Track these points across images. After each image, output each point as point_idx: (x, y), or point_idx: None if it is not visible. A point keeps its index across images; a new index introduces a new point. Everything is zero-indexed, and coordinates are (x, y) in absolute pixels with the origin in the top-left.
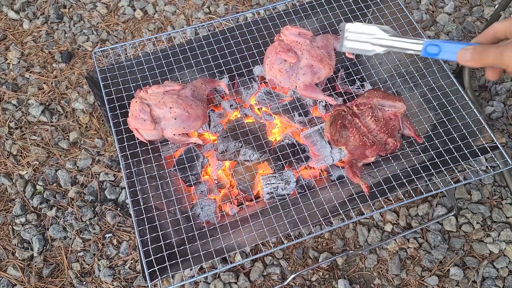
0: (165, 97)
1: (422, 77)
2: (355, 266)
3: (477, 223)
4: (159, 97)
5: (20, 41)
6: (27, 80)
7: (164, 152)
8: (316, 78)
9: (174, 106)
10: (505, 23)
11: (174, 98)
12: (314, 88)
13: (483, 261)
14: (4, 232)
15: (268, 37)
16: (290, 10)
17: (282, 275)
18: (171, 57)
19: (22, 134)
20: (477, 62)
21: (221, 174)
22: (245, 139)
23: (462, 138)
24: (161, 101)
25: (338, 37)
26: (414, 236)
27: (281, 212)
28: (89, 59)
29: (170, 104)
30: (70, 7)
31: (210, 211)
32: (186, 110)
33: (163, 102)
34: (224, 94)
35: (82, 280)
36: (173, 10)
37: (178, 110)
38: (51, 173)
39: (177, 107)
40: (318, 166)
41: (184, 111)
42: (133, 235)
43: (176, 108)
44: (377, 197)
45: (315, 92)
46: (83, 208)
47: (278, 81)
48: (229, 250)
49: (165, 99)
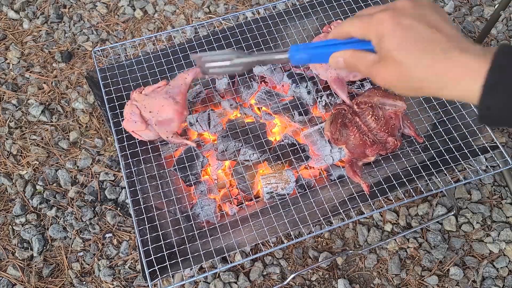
0: (146, 99)
1: None
2: (355, 266)
3: (477, 222)
4: (145, 99)
5: (20, 40)
6: (27, 80)
7: (164, 152)
8: (352, 76)
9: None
10: (357, 25)
11: (151, 100)
12: (343, 84)
13: (483, 260)
14: (4, 232)
15: (268, 36)
16: (290, 9)
17: (282, 275)
18: (171, 56)
19: (22, 134)
20: (350, 69)
21: (221, 174)
22: (245, 138)
23: (462, 137)
24: (144, 104)
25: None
26: (414, 236)
27: (281, 211)
28: (89, 59)
29: (149, 107)
30: (70, 7)
31: (210, 211)
32: (159, 114)
33: (147, 104)
34: (224, 94)
35: (82, 280)
36: (173, 10)
37: (154, 113)
38: (51, 173)
39: (152, 109)
40: (318, 165)
41: (157, 115)
42: (133, 235)
43: (152, 111)
44: (377, 196)
45: (342, 88)
46: (83, 208)
47: (317, 73)
48: (229, 249)
49: (145, 101)
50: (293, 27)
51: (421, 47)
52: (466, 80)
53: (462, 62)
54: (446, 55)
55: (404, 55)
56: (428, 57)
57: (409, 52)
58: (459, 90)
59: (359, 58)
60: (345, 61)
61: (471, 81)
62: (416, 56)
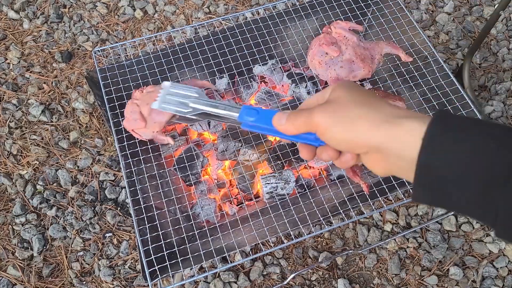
0: (147, 95)
1: (422, 77)
2: (355, 266)
3: (477, 222)
4: (146, 95)
5: (20, 41)
6: (27, 79)
7: (164, 152)
8: (352, 76)
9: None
10: (314, 99)
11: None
12: None
13: (482, 260)
14: (4, 232)
15: (268, 36)
16: (290, 9)
17: (282, 275)
18: (171, 56)
19: (22, 133)
20: (291, 125)
21: (221, 174)
22: (245, 138)
23: None
24: (145, 99)
25: (390, 43)
26: (414, 236)
27: (281, 211)
28: (89, 59)
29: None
30: (70, 7)
31: (210, 211)
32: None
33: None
34: (224, 94)
35: (82, 279)
36: (173, 10)
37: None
38: (51, 173)
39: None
40: (318, 165)
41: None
42: (133, 235)
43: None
44: (377, 196)
45: None
46: (83, 208)
47: (316, 73)
48: (229, 249)
49: (146, 96)
50: (293, 27)
51: (363, 95)
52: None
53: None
54: (387, 104)
55: (349, 96)
56: (369, 100)
57: (354, 95)
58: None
59: (301, 110)
60: (289, 115)
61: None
62: (360, 98)
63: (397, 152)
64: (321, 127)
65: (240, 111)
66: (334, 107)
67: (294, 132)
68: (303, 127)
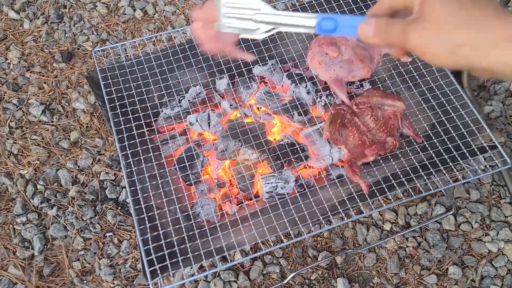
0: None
1: (421, 77)
2: (354, 265)
3: (476, 222)
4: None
5: (21, 41)
6: (28, 79)
7: (164, 151)
8: (351, 77)
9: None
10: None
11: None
12: (342, 85)
13: (481, 260)
14: (5, 232)
15: (268, 36)
16: (290, 10)
17: (281, 274)
18: (171, 56)
19: (23, 133)
20: (381, 39)
21: (221, 173)
22: (245, 138)
23: (460, 137)
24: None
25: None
26: (413, 235)
27: (280, 211)
28: (89, 59)
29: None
30: (70, 7)
31: (210, 210)
32: None
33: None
34: (224, 94)
35: (82, 279)
36: (173, 10)
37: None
38: (52, 173)
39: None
40: (318, 165)
41: None
42: (134, 234)
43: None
44: (376, 196)
45: (341, 89)
46: (84, 207)
47: (316, 73)
48: (229, 248)
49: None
50: None
51: (464, 7)
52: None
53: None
54: (496, 14)
55: (447, 13)
56: (472, 17)
57: (453, 12)
58: (507, 55)
59: (393, 22)
60: (376, 27)
61: None
62: (461, 15)
63: (509, 75)
64: (419, 50)
65: (317, 21)
66: (433, 25)
67: (382, 44)
68: (394, 43)
